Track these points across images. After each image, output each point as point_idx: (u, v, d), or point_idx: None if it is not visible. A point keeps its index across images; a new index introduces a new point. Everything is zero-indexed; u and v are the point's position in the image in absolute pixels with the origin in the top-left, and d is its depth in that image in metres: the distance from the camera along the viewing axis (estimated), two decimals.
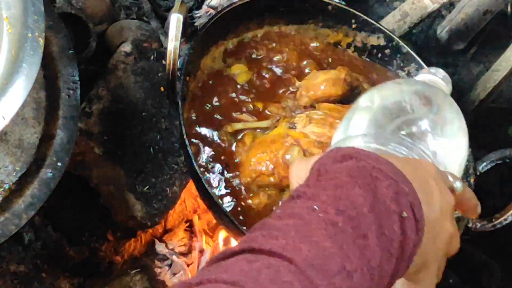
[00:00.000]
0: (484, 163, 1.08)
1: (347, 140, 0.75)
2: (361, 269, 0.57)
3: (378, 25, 1.17)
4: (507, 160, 1.08)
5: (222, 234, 1.29)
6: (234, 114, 1.04)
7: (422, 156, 0.75)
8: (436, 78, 0.92)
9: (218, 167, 1.00)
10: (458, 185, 0.72)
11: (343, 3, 1.19)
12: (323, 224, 0.58)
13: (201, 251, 1.27)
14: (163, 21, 1.31)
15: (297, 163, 0.72)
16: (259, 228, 0.60)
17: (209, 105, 1.04)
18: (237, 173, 1.00)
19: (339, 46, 1.17)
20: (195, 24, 1.24)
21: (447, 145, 0.80)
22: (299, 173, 0.69)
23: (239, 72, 1.07)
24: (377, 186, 0.61)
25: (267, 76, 1.09)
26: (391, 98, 0.82)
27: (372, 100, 0.83)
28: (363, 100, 0.83)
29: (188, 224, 1.29)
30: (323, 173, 0.63)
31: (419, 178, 0.65)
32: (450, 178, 0.72)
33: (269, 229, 0.59)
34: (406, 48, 1.16)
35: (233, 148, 1.01)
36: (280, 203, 0.99)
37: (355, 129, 0.80)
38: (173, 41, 0.95)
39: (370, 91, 0.85)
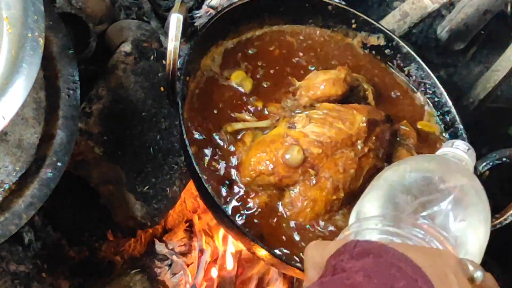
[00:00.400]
0: (484, 163, 1.08)
1: (363, 222, 0.73)
2: None
3: (378, 25, 1.17)
4: (507, 160, 1.08)
5: (221, 233, 1.29)
6: (234, 114, 1.04)
7: (441, 241, 0.72)
8: (459, 152, 0.89)
9: (218, 166, 1.00)
10: (478, 275, 0.70)
11: (343, 3, 1.19)
12: None
13: (201, 251, 1.27)
14: (163, 21, 1.31)
15: (313, 246, 0.70)
16: None
17: (209, 105, 1.04)
18: (238, 172, 1.00)
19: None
20: (195, 24, 1.24)
21: (469, 228, 0.77)
22: (314, 258, 0.68)
23: (240, 80, 1.07)
24: (394, 286, 0.59)
25: (266, 76, 1.09)
26: (410, 176, 0.78)
27: (390, 178, 0.79)
28: (380, 177, 0.80)
29: (188, 224, 1.29)
30: (339, 271, 0.61)
31: (438, 272, 0.64)
32: (471, 267, 0.70)
33: None
34: (406, 48, 1.16)
35: (233, 147, 1.01)
36: (279, 204, 0.99)
37: (371, 208, 0.77)
38: (173, 41, 0.95)
39: (389, 168, 0.82)
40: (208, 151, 1.00)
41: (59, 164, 1.01)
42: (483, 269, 0.72)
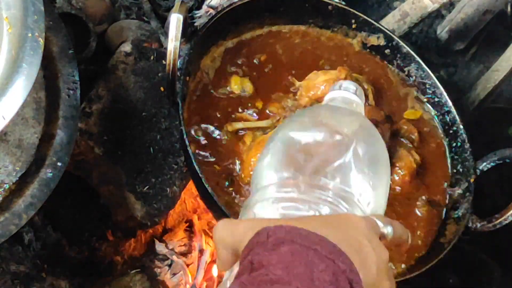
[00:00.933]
0: (484, 163, 1.08)
1: (263, 191, 0.70)
2: None
3: (378, 25, 1.17)
4: (507, 160, 1.08)
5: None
6: (234, 114, 1.04)
7: (347, 199, 0.70)
8: (349, 94, 0.84)
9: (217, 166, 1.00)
10: (389, 230, 0.70)
11: (343, 3, 1.19)
12: None
13: (201, 251, 1.27)
14: (163, 21, 1.31)
15: (221, 227, 0.67)
16: None
17: (209, 105, 1.04)
18: (238, 172, 1.00)
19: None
20: (195, 24, 1.24)
21: (371, 178, 0.74)
22: (225, 239, 0.66)
23: (238, 86, 1.06)
24: (314, 273, 0.59)
25: (267, 76, 1.09)
26: (304, 134, 0.74)
27: (282, 139, 0.75)
28: (272, 140, 0.75)
29: (188, 224, 1.29)
30: (257, 266, 0.60)
31: (352, 242, 0.63)
32: (380, 224, 0.69)
33: None
34: (406, 48, 1.16)
35: (233, 147, 1.01)
36: None
37: (269, 175, 0.72)
38: (173, 41, 0.95)
39: (280, 129, 0.77)
40: (208, 151, 1.00)
41: (59, 164, 1.01)
42: (391, 221, 0.71)
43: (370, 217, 0.70)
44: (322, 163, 0.71)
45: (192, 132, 1.01)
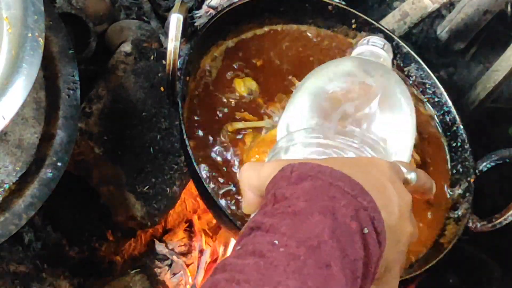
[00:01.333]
0: (484, 163, 1.08)
1: (292, 136, 0.71)
2: None
3: (378, 25, 1.17)
4: (507, 160, 1.08)
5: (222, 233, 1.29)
6: (235, 113, 1.04)
7: (372, 147, 0.71)
8: (376, 49, 0.86)
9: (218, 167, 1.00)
10: (412, 176, 0.71)
11: (343, 3, 1.19)
12: (284, 260, 0.56)
13: (201, 251, 1.27)
14: (163, 21, 1.31)
15: (248, 168, 0.68)
16: (221, 269, 0.58)
17: (210, 105, 1.04)
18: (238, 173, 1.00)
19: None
20: (195, 24, 1.24)
21: (396, 127, 0.76)
22: (251, 180, 0.67)
23: (244, 87, 1.06)
24: (335, 207, 0.59)
25: (267, 76, 1.09)
26: (332, 82, 0.76)
27: (312, 87, 0.77)
28: (302, 88, 0.77)
29: (188, 224, 1.29)
30: (280, 199, 0.61)
31: (376, 183, 0.64)
32: (404, 170, 0.70)
33: (231, 270, 0.57)
34: (406, 48, 1.16)
35: (234, 147, 1.01)
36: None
37: (299, 120, 0.74)
38: (173, 41, 0.95)
39: (309, 77, 0.79)
40: (208, 151, 1.00)
41: (59, 164, 1.01)
42: (415, 168, 0.72)
43: (395, 162, 0.70)
44: (349, 111, 0.73)
45: (192, 132, 1.01)
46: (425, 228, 1.04)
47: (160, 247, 1.24)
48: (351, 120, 0.73)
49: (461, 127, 1.12)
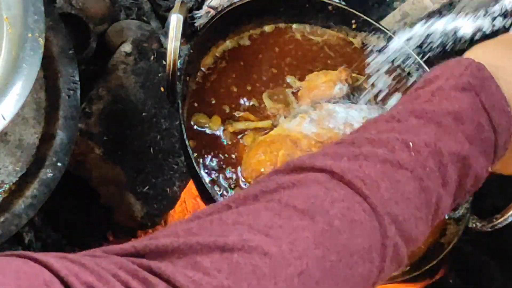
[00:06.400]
0: None
1: None
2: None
3: (378, 25, 1.17)
4: None
5: None
6: (236, 113, 1.04)
7: None
8: None
9: (218, 167, 1.00)
10: None
11: (343, 3, 1.19)
12: (411, 164, 0.58)
13: None
14: (163, 21, 1.31)
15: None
16: (350, 142, 0.59)
17: (210, 105, 1.04)
18: (238, 173, 1.00)
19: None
20: (195, 24, 1.24)
21: None
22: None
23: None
24: (479, 133, 0.62)
25: (267, 76, 1.09)
26: None
27: None
28: None
29: None
30: (438, 99, 0.63)
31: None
32: None
33: (358, 148, 0.58)
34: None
35: (234, 147, 1.01)
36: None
37: None
38: (173, 41, 0.95)
39: None
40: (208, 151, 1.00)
41: (59, 164, 1.01)
42: None
43: None
44: None
45: (192, 131, 1.01)
46: None
47: None
48: None
49: None
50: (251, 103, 1.06)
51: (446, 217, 1.06)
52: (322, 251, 0.52)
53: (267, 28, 1.14)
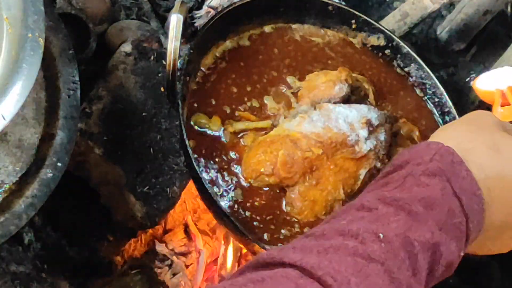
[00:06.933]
0: None
1: None
2: None
3: (378, 25, 1.17)
4: None
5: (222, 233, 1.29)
6: (236, 113, 1.04)
7: None
8: None
9: (218, 167, 1.00)
10: None
11: (343, 3, 1.19)
12: (382, 256, 0.57)
13: (198, 252, 1.27)
14: (163, 21, 1.31)
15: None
16: (320, 234, 0.59)
17: (210, 104, 1.04)
18: (238, 173, 1.00)
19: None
20: (195, 24, 1.24)
21: None
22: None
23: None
24: (451, 219, 0.62)
25: (267, 76, 1.09)
26: None
27: None
28: None
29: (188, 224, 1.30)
30: (408, 186, 0.63)
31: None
32: None
33: (328, 241, 0.58)
34: (406, 48, 1.16)
35: (234, 148, 1.01)
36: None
37: None
38: (173, 41, 0.95)
39: None
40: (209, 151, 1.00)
41: (59, 164, 1.01)
42: None
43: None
44: None
45: (193, 131, 1.01)
46: None
47: (160, 247, 1.24)
48: None
49: None
50: (251, 103, 1.06)
51: None
52: None
53: (267, 28, 1.14)
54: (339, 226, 0.60)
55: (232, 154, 1.01)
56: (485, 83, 1.01)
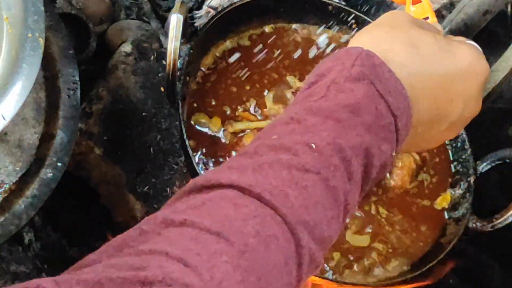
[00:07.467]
0: (484, 163, 1.08)
1: None
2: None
3: None
4: (507, 160, 1.08)
5: None
6: (236, 113, 1.04)
7: None
8: None
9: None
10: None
11: (343, 3, 1.19)
12: (316, 166, 0.58)
13: None
14: (163, 21, 1.31)
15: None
16: (253, 152, 0.59)
17: (210, 104, 1.04)
18: None
19: None
20: (195, 24, 1.24)
21: None
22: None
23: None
24: (379, 120, 0.63)
25: (267, 76, 1.09)
26: None
27: None
28: None
29: None
30: (333, 94, 0.63)
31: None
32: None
33: (262, 157, 0.58)
34: None
35: (234, 148, 1.01)
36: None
37: None
38: (173, 41, 0.95)
39: None
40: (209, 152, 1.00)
41: (59, 164, 1.01)
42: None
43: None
44: None
45: (193, 131, 1.01)
46: (425, 228, 1.04)
47: None
48: None
49: None
50: (251, 103, 1.06)
51: (447, 217, 1.06)
52: (240, 273, 0.51)
53: (267, 28, 1.14)
54: (271, 142, 0.60)
55: (232, 154, 1.01)
56: None
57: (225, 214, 0.53)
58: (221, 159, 1.00)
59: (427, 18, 0.92)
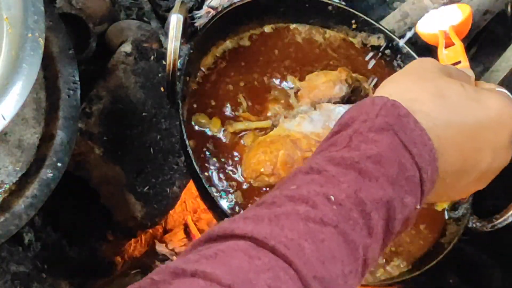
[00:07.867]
0: None
1: None
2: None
3: (378, 25, 1.17)
4: None
5: None
6: (235, 114, 1.04)
7: None
8: None
9: (218, 167, 1.00)
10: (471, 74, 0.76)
11: (343, 3, 1.19)
12: (334, 219, 0.56)
13: None
14: (163, 21, 1.31)
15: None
16: (270, 202, 0.57)
17: (210, 105, 1.04)
18: (238, 173, 1.00)
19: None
20: (195, 24, 1.24)
21: None
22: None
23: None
24: (402, 172, 0.60)
25: (267, 76, 1.09)
26: None
27: None
28: None
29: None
30: (355, 144, 0.61)
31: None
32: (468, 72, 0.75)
33: (279, 208, 0.56)
34: (406, 48, 1.17)
35: (234, 148, 1.01)
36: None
37: None
38: (173, 42, 0.95)
39: None
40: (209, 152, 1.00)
41: (59, 164, 1.01)
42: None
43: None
44: None
45: (193, 131, 1.01)
46: (425, 228, 1.04)
47: (160, 247, 1.24)
48: None
49: None
50: (251, 103, 1.06)
51: (446, 217, 1.06)
52: None
53: (267, 28, 1.14)
54: (289, 192, 0.58)
55: (232, 155, 1.01)
56: (427, 26, 1.00)
57: (238, 266, 0.52)
58: (223, 159, 1.00)
59: (459, 62, 0.90)
